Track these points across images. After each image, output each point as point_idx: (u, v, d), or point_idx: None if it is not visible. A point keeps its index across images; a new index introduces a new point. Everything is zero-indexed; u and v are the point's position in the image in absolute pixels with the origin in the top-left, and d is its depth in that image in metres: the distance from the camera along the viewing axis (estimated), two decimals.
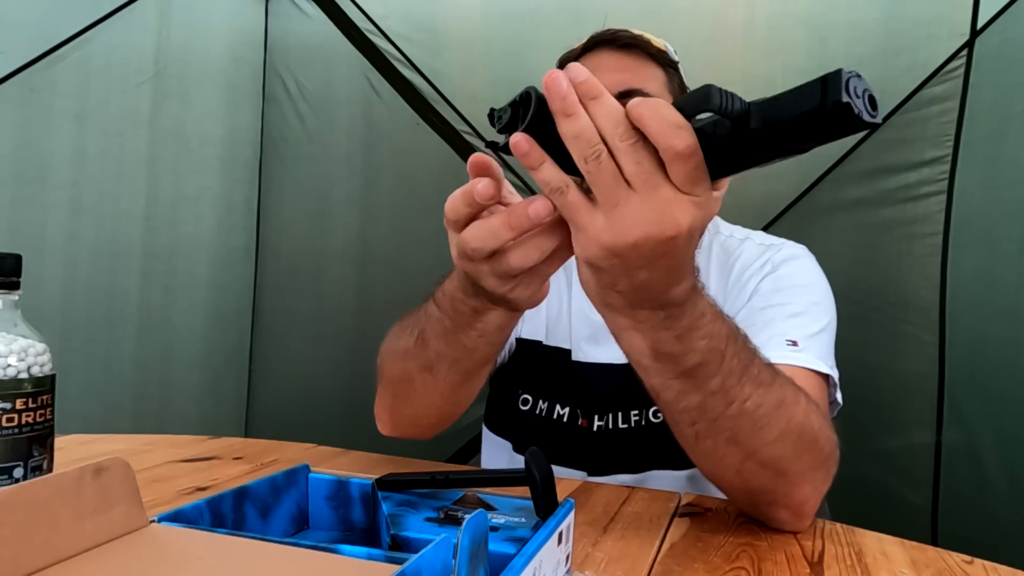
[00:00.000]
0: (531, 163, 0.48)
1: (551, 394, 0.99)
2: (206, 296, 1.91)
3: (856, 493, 1.32)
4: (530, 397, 1.00)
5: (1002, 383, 1.44)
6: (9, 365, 0.54)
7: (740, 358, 0.57)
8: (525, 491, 0.47)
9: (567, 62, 1.00)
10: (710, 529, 0.68)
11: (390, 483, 0.51)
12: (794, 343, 0.80)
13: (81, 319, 1.70)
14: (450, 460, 1.68)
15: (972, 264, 1.49)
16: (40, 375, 0.56)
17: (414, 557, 0.31)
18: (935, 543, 0.87)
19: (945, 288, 1.52)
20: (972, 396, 1.49)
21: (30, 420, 0.55)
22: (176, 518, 0.41)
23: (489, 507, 0.50)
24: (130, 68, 1.74)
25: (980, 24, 1.49)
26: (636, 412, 0.95)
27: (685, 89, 1.02)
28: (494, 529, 0.46)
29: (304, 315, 1.96)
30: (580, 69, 0.46)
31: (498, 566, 0.37)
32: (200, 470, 0.81)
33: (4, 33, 1.55)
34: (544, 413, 0.99)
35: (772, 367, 0.61)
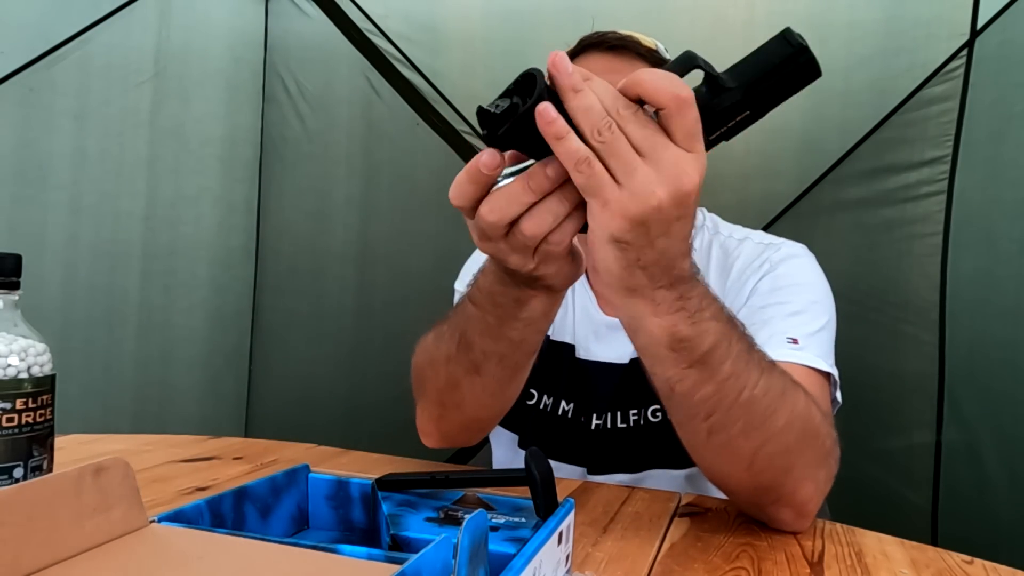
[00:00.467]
0: (558, 131, 0.48)
1: (556, 390, 0.99)
2: (206, 296, 1.91)
3: (856, 493, 1.32)
4: (536, 392, 1.00)
5: (1002, 383, 1.44)
6: (9, 365, 0.54)
7: (743, 341, 0.59)
8: (525, 491, 0.47)
9: None
10: (710, 529, 0.68)
11: (390, 483, 0.51)
12: (794, 341, 0.81)
13: (81, 319, 1.70)
14: (450, 460, 1.67)
15: (972, 264, 1.49)
16: (40, 375, 0.56)
17: (414, 557, 0.31)
18: (935, 543, 0.87)
19: (945, 288, 1.52)
20: (972, 396, 1.49)
21: (30, 420, 0.55)
22: (176, 518, 0.41)
23: (489, 507, 0.50)
24: (130, 68, 1.74)
25: (980, 24, 1.49)
26: (635, 412, 0.95)
27: None
28: (494, 529, 0.46)
29: (304, 315, 1.95)
30: (563, 56, 0.48)
31: (498, 566, 0.37)
32: (200, 470, 0.81)
33: (4, 33, 1.55)
34: (549, 408, 0.99)
35: (769, 359, 0.62)
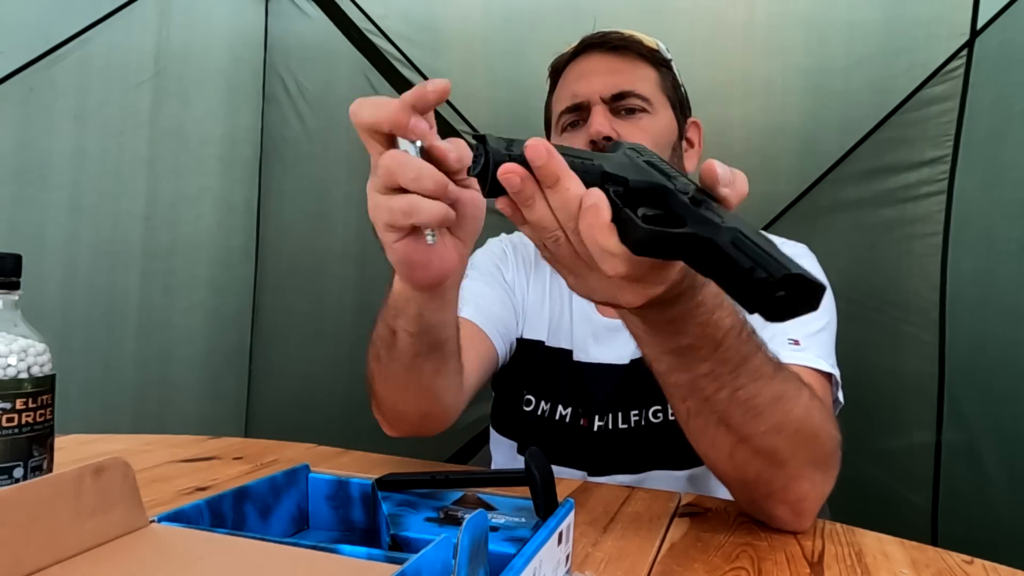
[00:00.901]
0: (525, 198, 0.46)
1: (553, 395, 0.99)
2: (206, 296, 1.90)
3: (856, 493, 1.32)
4: (533, 398, 1.00)
5: (1002, 383, 1.44)
6: (9, 365, 0.54)
7: (740, 351, 0.57)
8: (525, 491, 0.47)
9: (558, 67, 1.01)
10: (710, 529, 0.68)
11: (390, 483, 0.51)
12: (796, 342, 0.81)
13: (81, 319, 1.70)
14: (450, 460, 1.68)
15: (972, 264, 1.49)
16: (40, 375, 0.56)
17: (414, 557, 0.31)
18: (935, 543, 0.87)
19: (945, 288, 1.52)
20: (972, 396, 1.49)
21: (30, 420, 0.55)
22: (176, 518, 0.41)
23: (489, 507, 0.50)
24: (130, 68, 1.73)
25: (980, 24, 1.48)
26: (636, 412, 0.95)
27: (679, 87, 1.01)
28: (494, 529, 0.46)
29: (304, 315, 1.95)
30: (540, 151, 0.44)
31: (498, 566, 0.37)
32: (200, 470, 0.81)
33: (4, 33, 1.55)
34: (546, 414, 0.99)
35: (778, 364, 0.61)
